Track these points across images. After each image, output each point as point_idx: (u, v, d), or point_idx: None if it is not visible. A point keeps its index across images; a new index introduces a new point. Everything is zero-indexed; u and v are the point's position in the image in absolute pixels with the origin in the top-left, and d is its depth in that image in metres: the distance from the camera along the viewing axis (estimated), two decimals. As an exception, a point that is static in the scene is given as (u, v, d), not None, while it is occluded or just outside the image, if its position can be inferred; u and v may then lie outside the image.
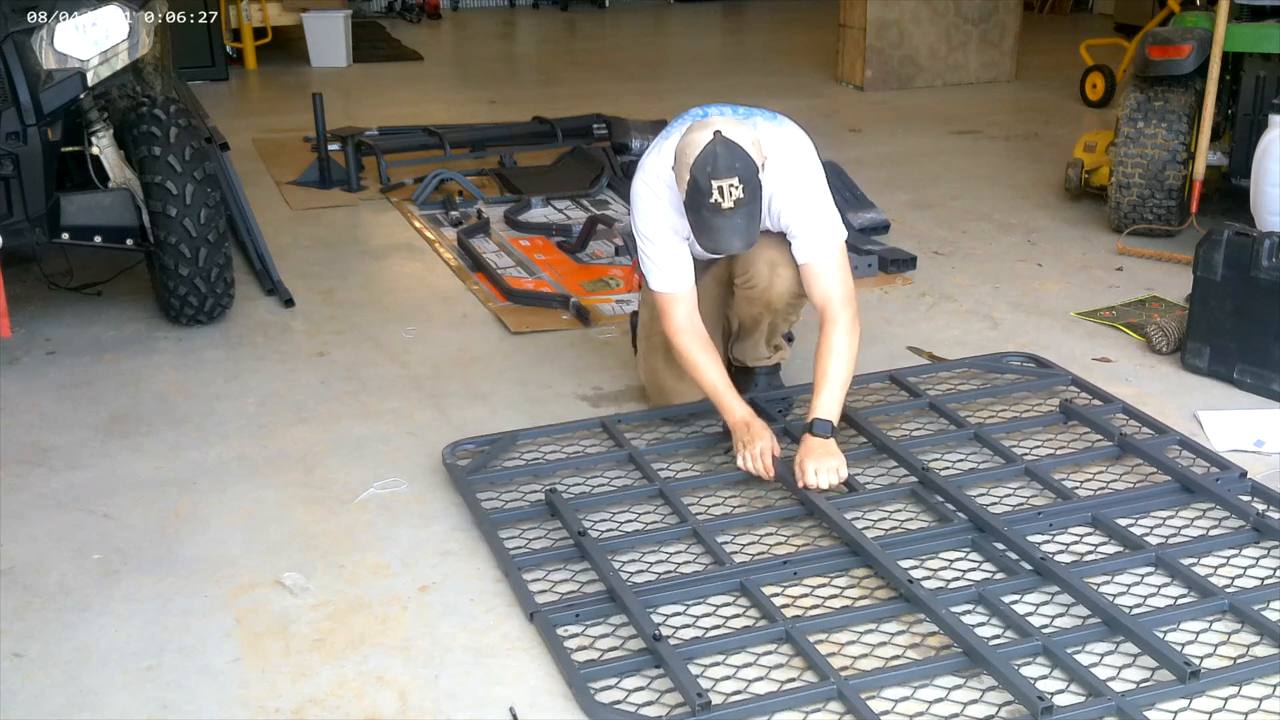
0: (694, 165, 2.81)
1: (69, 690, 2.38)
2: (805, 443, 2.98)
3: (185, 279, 4.02)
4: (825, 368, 3.02)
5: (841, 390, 3.03)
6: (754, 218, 2.87)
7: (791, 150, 3.11)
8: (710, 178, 2.78)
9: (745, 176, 2.79)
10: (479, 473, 3.12)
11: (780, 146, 3.09)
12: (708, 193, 2.80)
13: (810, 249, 3.08)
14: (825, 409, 2.99)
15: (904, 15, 8.63)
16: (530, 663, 2.45)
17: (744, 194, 2.80)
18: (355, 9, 11.03)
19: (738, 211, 2.81)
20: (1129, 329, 4.13)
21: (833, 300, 3.06)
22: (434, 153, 6.20)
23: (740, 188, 2.79)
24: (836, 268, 3.09)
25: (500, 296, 4.49)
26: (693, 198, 2.84)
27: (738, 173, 2.78)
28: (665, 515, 2.97)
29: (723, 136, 2.80)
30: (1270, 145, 4.46)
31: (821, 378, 3.02)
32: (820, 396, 3.00)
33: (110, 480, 3.20)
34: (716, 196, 2.79)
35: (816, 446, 2.96)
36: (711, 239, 2.88)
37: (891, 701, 2.31)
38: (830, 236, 3.10)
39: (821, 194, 3.13)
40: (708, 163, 2.79)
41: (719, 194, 2.79)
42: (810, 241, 3.08)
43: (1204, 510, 2.96)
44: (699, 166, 2.80)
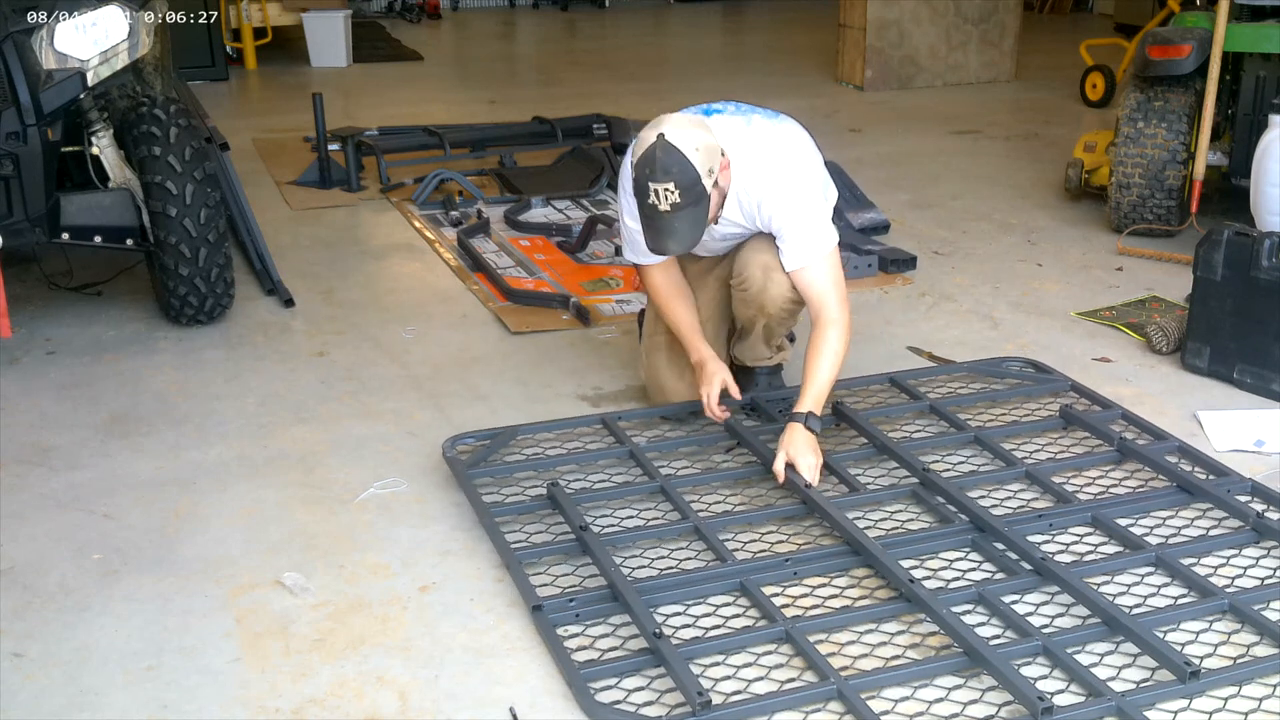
0: (636, 165, 2.86)
1: (69, 690, 2.38)
2: (788, 431, 3.01)
3: (185, 279, 4.02)
4: (817, 364, 3.04)
5: (829, 385, 3.06)
6: (695, 222, 2.86)
7: (783, 151, 3.09)
8: (647, 180, 2.82)
9: (681, 182, 2.80)
10: (479, 467, 3.12)
11: (771, 146, 3.07)
12: (645, 194, 2.83)
13: (797, 256, 3.08)
14: (814, 402, 3.03)
15: (904, 15, 8.63)
16: (530, 663, 2.45)
17: (680, 199, 2.81)
18: (355, 9, 11.03)
19: (675, 215, 2.83)
20: (1129, 329, 4.13)
21: (827, 305, 3.07)
22: (434, 153, 6.20)
23: (675, 192, 2.80)
24: (827, 273, 3.08)
25: (500, 296, 4.49)
26: (637, 194, 2.89)
27: (673, 178, 2.79)
28: (667, 512, 2.98)
29: (664, 140, 2.82)
30: (1270, 145, 4.46)
31: (813, 371, 3.04)
32: (811, 388, 3.03)
33: (110, 480, 3.20)
34: (653, 198, 2.82)
35: (799, 439, 2.99)
36: (650, 238, 2.92)
37: (891, 701, 2.31)
38: (819, 243, 3.08)
39: (812, 198, 3.11)
40: (646, 165, 2.82)
41: (655, 196, 2.82)
42: (797, 249, 3.07)
43: (1204, 510, 2.96)
44: (640, 167, 2.85)
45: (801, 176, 3.10)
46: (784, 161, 3.08)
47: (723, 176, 2.93)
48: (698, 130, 2.88)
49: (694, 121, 2.93)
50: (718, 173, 2.89)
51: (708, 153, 2.85)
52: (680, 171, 2.80)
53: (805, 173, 3.12)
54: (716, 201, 2.95)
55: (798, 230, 3.07)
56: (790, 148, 3.12)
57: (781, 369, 3.57)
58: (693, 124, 2.91)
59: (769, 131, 3.11)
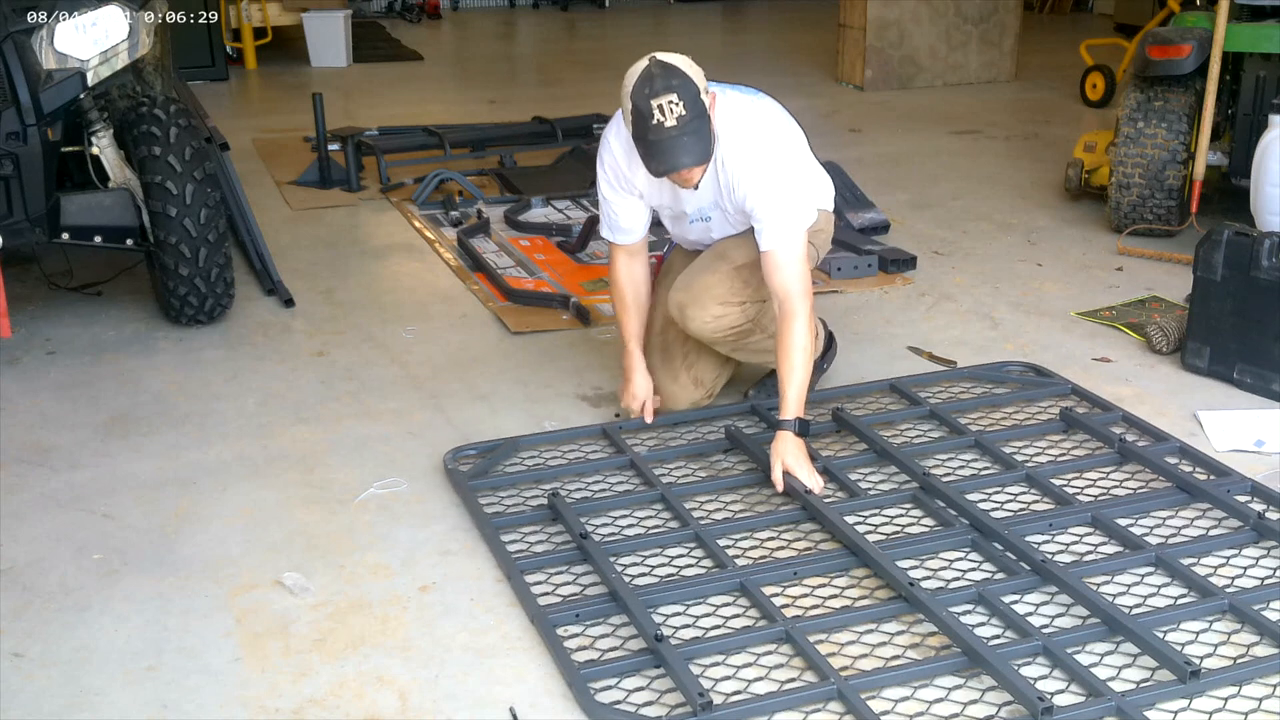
0: (633, 92, 2.84)
1: (69, 690, 2.38)
2: (778, 440, 3.02)
3: (185, 279, 4.02)
4: (791, 364, 3.03)
5: (804, 386, 3.06)
6: (702, 135, 2.85)
7: (760, 125, 3.08)
8: (649, 98, 2.80)
9: (685, 94, 2.80)
10: (480, 478, 3.12)
11: (748, 120, 3.06)
12: (649, 114, 2.80)
13: (774, 238, 3.05)
14: (796, 406, 3.03)
15: (904, 15, 8.63)
16: (530, 663, 2.45)
17: (685, 110, 2.80)
18: (355, 9, 11.03)
19: (683, 129, 2.81)
20: (1129, 329, 4.13)
21: (792, 293, 3.04)
22: (434, 153, 6.21)
23: (680, 104, 2.79)
24: (799, 258, 3.06)
25: (500, 296, 4.49)
26: (638, 126, 2.85)
27: (675, 89, 2.79)
28: (667, 520, 2.97)
29: (658, 59, 2.83)
30: (1270, 145, 4.45)
31: (788, 374, 3.03)
32: (789, 392, 3.03)
33: (110, 480, 3.20)
34: (658, 116, 2.79)
35: (789, 446, 3.00)
36: (661, 160, 2.87)
37: (891, 701, 2.31)
38: (796, 226, 3.06)
39: (790, 176, 3.09)
40: (645, 85, 2.81)
41: (660, 113, 2.79)
42: (775, 230, 3.04)
43: (1204, 510, 2.96)
44: (637, 91, 2.82)
45: (778, 151, 3.08)
46: (759, 138, 3.06)
47: (713, 113, 2.92)
48: (683, 57, 2.90)
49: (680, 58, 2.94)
50: (710, 103, 2.89)
51: (698, 74, 2.87)
52: (681, 84, 2.80)
53: (782, 147, 3.10)
54: (712, 133, 2.93)
55: (775, 209, 3.04)
56: (766, 123, 3.10)
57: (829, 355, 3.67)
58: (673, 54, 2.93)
59: (744, 105, 3.09)
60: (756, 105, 3.15)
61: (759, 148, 3.05)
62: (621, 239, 3.28)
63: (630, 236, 3.27)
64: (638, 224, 3.26)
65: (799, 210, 3.08)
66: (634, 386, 3.37)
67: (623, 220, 3.25)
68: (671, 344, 3.44)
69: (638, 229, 3.27)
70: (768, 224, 3.05)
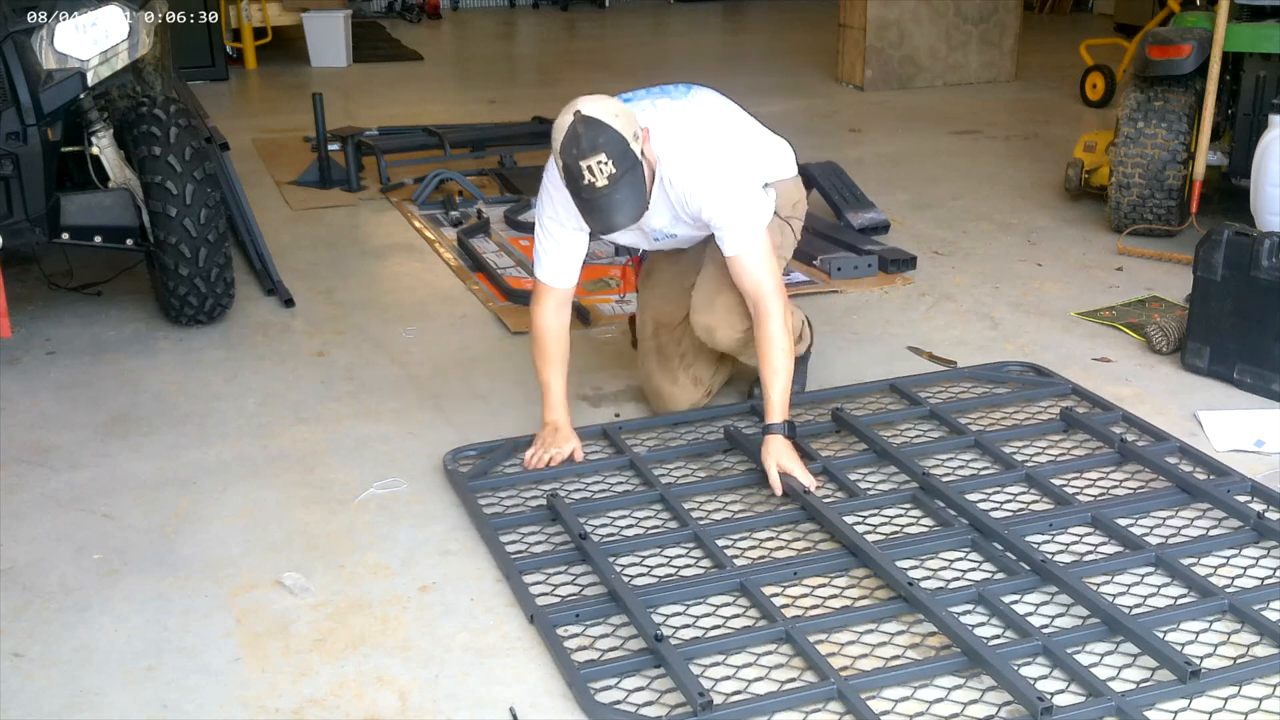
0: (561, 150, 2.78)
1: (69, 690, 2.38)
2: (768, 444, 3.01)
3: (185, 279, 4.02)
4: (773, 366, 3.00)
5: (787, 389, 3.03)
6: (636, 189, 2.80)
7: (696, 136, 3.03)
8: (577, 159, 2.74)
9: (612, 151, 2.74)
10: (480, 479, 3.12)
11: (684, 135, 3.01)
12: (579, 175, 2.76)
13: (735, 243, 3.01)
14: (781, 409, 3.02)
15: (904, 15, 8.63)
16: (530, 663, 2.45)
17: (615, 168, 2.74)
18: (355, 9, 11.03)
19: (615, 187, 2.76)
20: (1129, 329, 4.13)
21: (764, 292, 3.01)
22: (434, 153, 6.21)
23: (609, 163, 2.73)
24: (764, 256, 3.02)
25: (500, 296, 4.49)
26: (570, 183, 2.81)
27: (602, 148, 2.73)
28: (666, 520, 2.97)
29: (582, 115, 2.76)
30: (1270, 145, 4.46)
31: (770, 376, 3.01)
32: (773, 395, 3.01)
33: (110, 480, 3.20)
34: (588, 176, 2.75)
35: (780, 449, 3.00)
36: (596, 220, 2.84)
37: (891, 701, 2.31)
38: (755, 225, 3.02)
39: (735, 178, 3.03)
40: (572, 145, 2.75)
41: (589, 173, 2.74)
42: (735, 234, 3.00)
43: (1204, 510, 2.96)
44: (565, 150, 2.77)
45: (718, 161, 3.03)
46: (698, 151, 3.01)
47: (647, 148, 2.88)
48: (610, 100, 2.85)
49: (603, 96, 2.89)
50: (642, 140, 2.84)
51: (627, 118, 2.80)
52: (608, 141, 2.74)
53: (720, 155, 3.04)
54: (648, 174, 2.89)
55: (731, 213, 3.00)
56: (702, 132, 3.06)
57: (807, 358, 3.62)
58: (603, 97, 2.87)
59: (678, 113, 3.05)
60: (689, 113, 3.09)
61: (700, 161, 3.00)
62: (554, 282, 3.14)
63: (563, 281, 3.15)
64: (573, 266, 3.15)
65: (753, 210, 3.04)
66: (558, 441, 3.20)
67: (560, 259, 3.12)
68: (666, 346, 3.43)
69: (571, 274, 3.15)
70: (726, 231, 3.01)
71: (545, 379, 3.23)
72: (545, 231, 3.12)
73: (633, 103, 3.08)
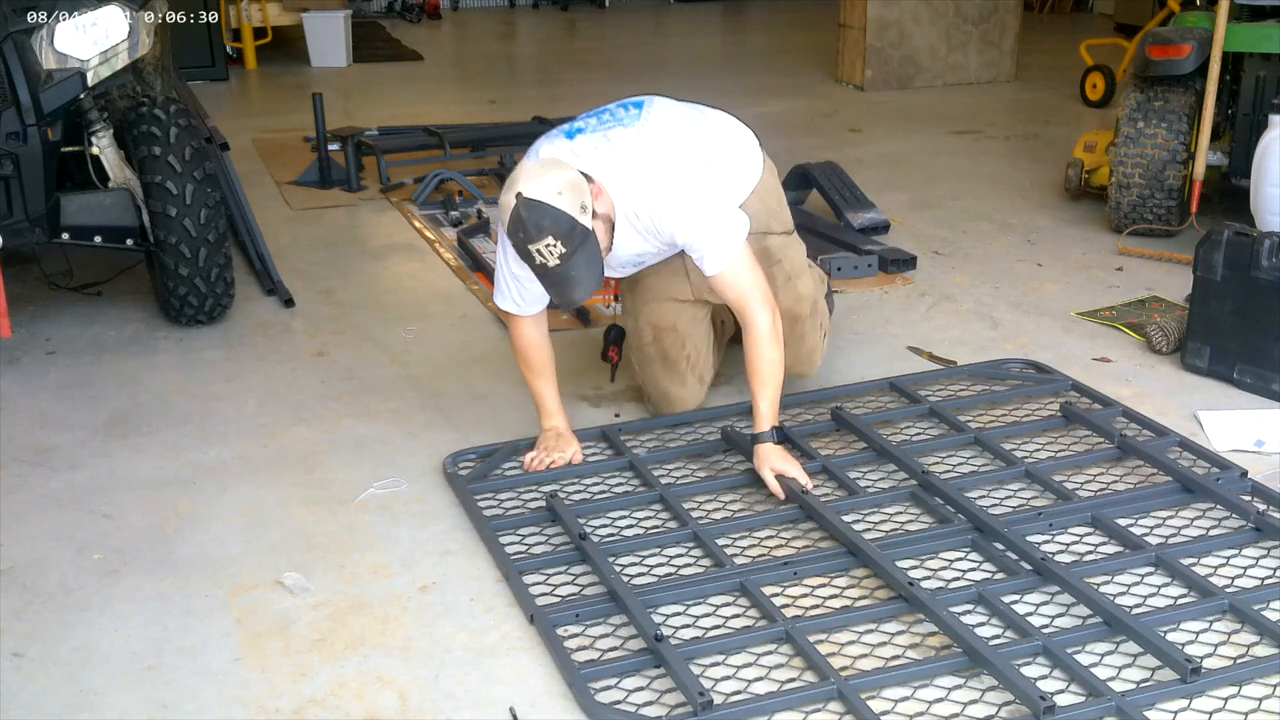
0: (508, 232, 2.77)
1: (69, 690, 2.38)
2: (760, 451, 3.01)
3: (185, 279, 4.02)
4: (762, 376, 3.00)
5: (778, 394, 3.03)
6: (590, 262, 2.78)
7: (654, 160, 2.97)
8: (525, 243, 2.73)
9: (558, 231, 2.71)
10: (480, 481, 3.12)
11: (638, 162, 2.95)
12: (530, 257, 2.75)
13: (714, 262, 2.97)
14: (769, 418, 3.02)
15: (904, 15, 8.63)
16: (530, 663, 2.45)
17: (564, 247, 2.72)
18: (355, 9, 11.04)
19: (568, 264, 2.74)
20: (1129, 329, 4.13)
21: (750, 304, 2.99)
22: (434, 153, 6.21)
23: (557, 243, 2.71)
24: (747, 269, 2.99)
25: (500, 296, 4.49)
26: (523, 260, 2.81)
27: (548, 231, 2.70)
28: (665, 520, 2.97)
29: (524, 199, 2.71)
30: (1270, 145, 4.46)
31: (759, 386, 3.01)
32: (761, 404, 3.01)
33: (110, 480, 3.20)
34: (539, 258, 2.74)
35: (772, 453, 3.01)
36: (556, 295, 2.84)
37: (891, 701, 2.31)
38: (731, 241, 2.97)
39: (702, 196, 2.99)
40: (518, 229, 2.73)
41: (540, 255, 2.73)
42: (714, 254, 2.96)
43: (1204, 510, 2.96)
44: (513, 234, 2.75)
45: (682, 182, 2.97)
46: (659, 175, 2.96)
47: (599, 204, 2.83)
48: (552, 172, 2.78)
49: (547, 164, 2.84)
50: (591, 204, 2.79)
51: (572, 190, 2.75)
52: (553, 222, 2.70)
53: (684, 175, 2.99)
54: (604, 230, 2.86)
55: (706, 234, 2.95)
56: (659, 155, 2.99)
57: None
58: (546, 167, 2.81)
59: (632, 144, 2.99)
60: (644, 140, 3.02)
61: (663, 188, 2.95)
62: (524, 312, 3.13)
63: (533, 309, 3.14)
64: (537, 298, 3.11)
65: (725, 227, 2.98)
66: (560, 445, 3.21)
67: (527, 294, 3.09)
68: (670, 350, 3.40)
69: (537, 304, 3.13)
70: (705, 252, 2.97)
71: (537, 389, 3.24)
72: (508, 269, 3.08)
73: (583, 136, 3.00)
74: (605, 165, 2.93)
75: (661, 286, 3.35)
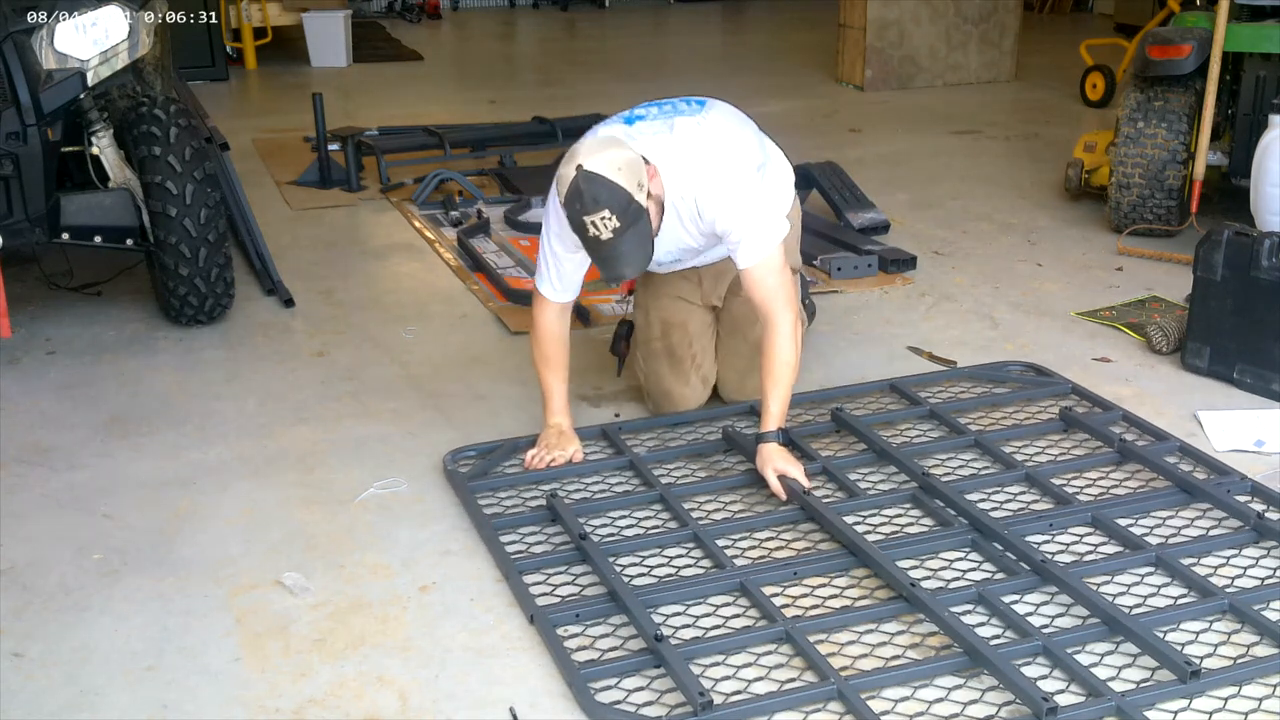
0: (565, 204, 2.81)
1: (69, 690, 2.38)
2: (763, 451, 3.02)
3: (185, 279, 4.02)
4: (774, 377, 3.01)
5: (788, 396, 3.05)
6: (641, 240, 2.82)
7: (711, 153, 3.02)
8: (580, 214, 2.77)
9: (615, 205, 2.75)
10: (480, 479, 3.12)
11: (698, 150, 3.00)
12: (584, 229, 2.79)
13: (749, 255, 3.01)
14: (777, 419, 3.03)
15: (904, 15, 8.63)
16: (530, 663, 2.45)
17: (618, 222, 2.76)
18: (355, 9, 11.03)
19: (619, 240, 2.78)
20: (1129, 329, 4.13)
21: (774, 306, 3.01)
22: (434, 153, 6.21)
23: (612, 217, 2.75)
24: (778, 269, 3.02)
25: (500, 296, 4.49)
26: (577, 234, 2.84)
27: (605, 204, 2.74)
28: (666, 520, 2.97)
29: (584, 171, 2.75)
30: (1270, 145, 4.46)
31: (770, 387, 3.02)
32: (770, 405, 3.02)
33: (110, 480, 3.20)
34: (592, 231, 2.77)
35: (776, 454, 3.01)
36: (606, 269, 2.87)
37: (891, 701, 2.31)
38: (770, 237, 3.02)
39: (750, 190, 3.04)
40: (574, 200, 2.77)
41: (593, 228, 2.77)
42: (748, 248, 3.00)
43: (1204, 510, 2.96)
44: (569, 205, 2.79)
45: (736, 175, 3.03)
46: (715, 164, 3.01)
47: (654, 185, 2.88)
48: (612, 149, 2.82)
49: (607, 142, 2.88)
50: (647, 184, 2.83)
51: (630, 169, 2.79)
52: (609, 196, 2.74)
53: (739, 170, 3.04)
54: (656, 212, 2.90)
55: (746, 227, 3.00)
56: (718, 146, 3.05)
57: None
58: (606, 145, 2.86)
59: (694, 134, 3.04)
60: (704, 131, 3.07)
61: (713, 174, 2.99)
62: (555, 296, 3.17)
63: (567, 295, 3.18)
64: (576, 281, 3.17)
65: (769, 224, 3.04)
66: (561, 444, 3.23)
67: (566, 277, 3.14)
68: (677, 347, 3.43)
69: (575, 288, 3.18)
70: (741, 244, 3.00)
71: (547, 383, 3.25)
72: (550, 248, 3.13)
73: (643, 123, 3.06)
74: (662, 150, 2.98)
75: (675, 287, 3.43)
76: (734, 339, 3.48)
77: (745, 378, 3.47)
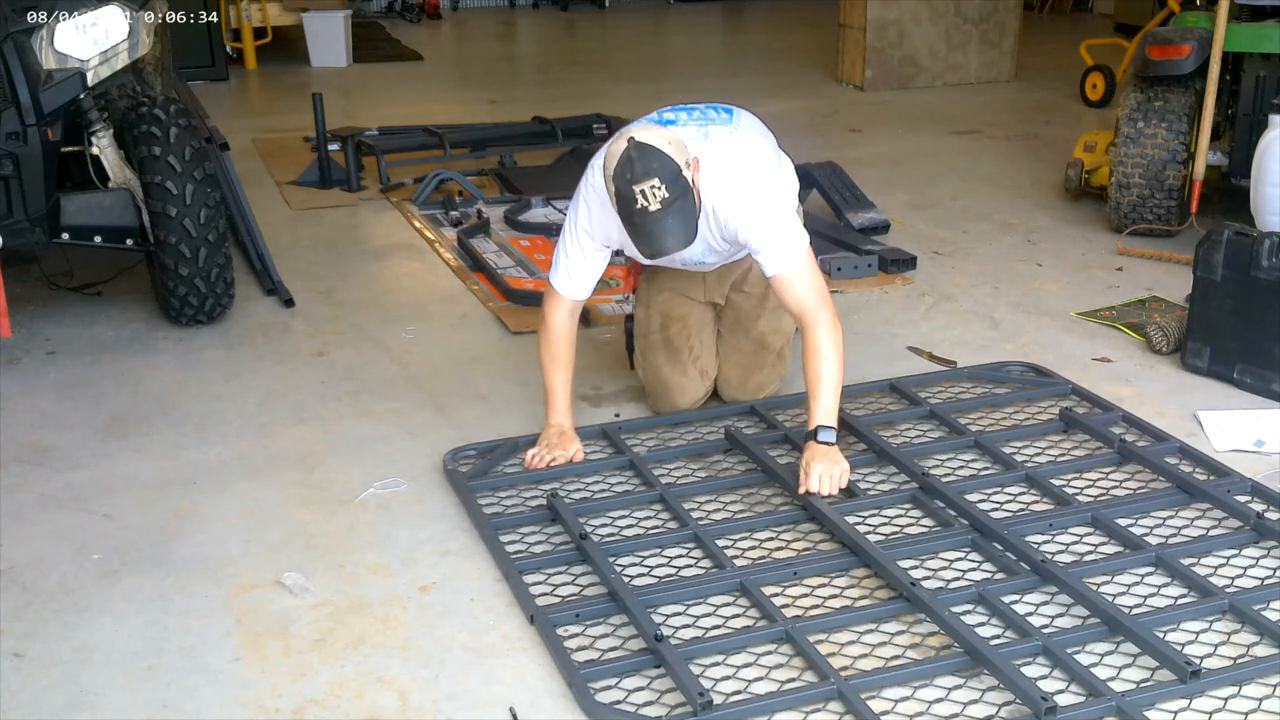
0: (614, 175, 2.82)
1: (69, 690, 2.38)
2: (810, 449, 2.99)
3: (185, 279, 4.02)
4: (817, 373, 3.01)
5: (836, 393, 3.02)
6: (686, 215, 2.84)
7: (742, 162, 3.06)
8: (631, 184, 2.78)
9: (665, 176, 2.78)
10: (480, 478, 3.12)
11: (731, 159, 3.05)
12: (632, 199, 2.79)
13: (776, 262, 3.03)
14: (825, 415, 3.00)
15: (904, 15, 8.64)
16: (530, 663, 2.45)
17: (668, 193, 2.78)
18: (355, 9, 11.04)
19: (667, 212, 2.80)
20: (1129, 329, 4.13)
21: (808, 306, 3.03)
22: (434, 153, 6.21)
23: (662, 187, 2.77)
24: (806, 272, 3.04)
25: (500, 296, 4.49)
26: (622, 207, 2.84)
27: (656, 173, 2.77)
28: (666, 520, 2.97)
29: (636, 141, 2.79)
30: (1270, 145, 4.46)
31: (815, 383, 3.01)
32: (818, 402, 3.00)
33: (110, 480, 3.20)
34: (642, 200, 2.78)
35: (821, 453, 2.97)
36: (649, 243, 2.87)
37: (891, 701, 2.31)
38: (793, 244, 3.04)
39: (777, 201, 3.08)
40: (625, 170, 2.79)
41: (643, 197, 2.78)
42: (774, 255, 3.03)
43: (1204, 510, 2.96)
44: (619, 175, 2.80)
45: (763, 182, 3.08)
46: (745, 173, 3.05)
47: (696, 176, 2.91)
48: (662, 129, 2.89)
49: (655, 125, 2.96)
50: (692, 169, 2.87)
51: (679, 147, 2.85)
52: (661, 166, 2.78)
53: (765, 184, 3.09)
54: (698, 202, 2.92)
55: (770, 235, 3.02)
56: (748, 157, 3.09)
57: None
58: (656, 126, 2.94)
59: (727, 144, 3.08)
60: (737, 142, 3.11)
61: (741, 185, 3.03)
62: (569, 293, 3.19)
63: (580, 293, 3.20)
64: (592, 280, 3.20)
65: (791, 231, 3.06)
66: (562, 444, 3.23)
67: (579, 273, 3.17)
68: (675, 339, 3.44)
69: (589, 287, 3.21)
70: (768, 252, 3.03)
71: (552, 382, 3.26)
72: (572, 242, 3.14)
73: (678, 127, 3.09)
74: (700, 154, 3.00)
75: (677, 283, 3.45)
76: (736, 336, 3.48)
77: (748, 375, 3.48)
